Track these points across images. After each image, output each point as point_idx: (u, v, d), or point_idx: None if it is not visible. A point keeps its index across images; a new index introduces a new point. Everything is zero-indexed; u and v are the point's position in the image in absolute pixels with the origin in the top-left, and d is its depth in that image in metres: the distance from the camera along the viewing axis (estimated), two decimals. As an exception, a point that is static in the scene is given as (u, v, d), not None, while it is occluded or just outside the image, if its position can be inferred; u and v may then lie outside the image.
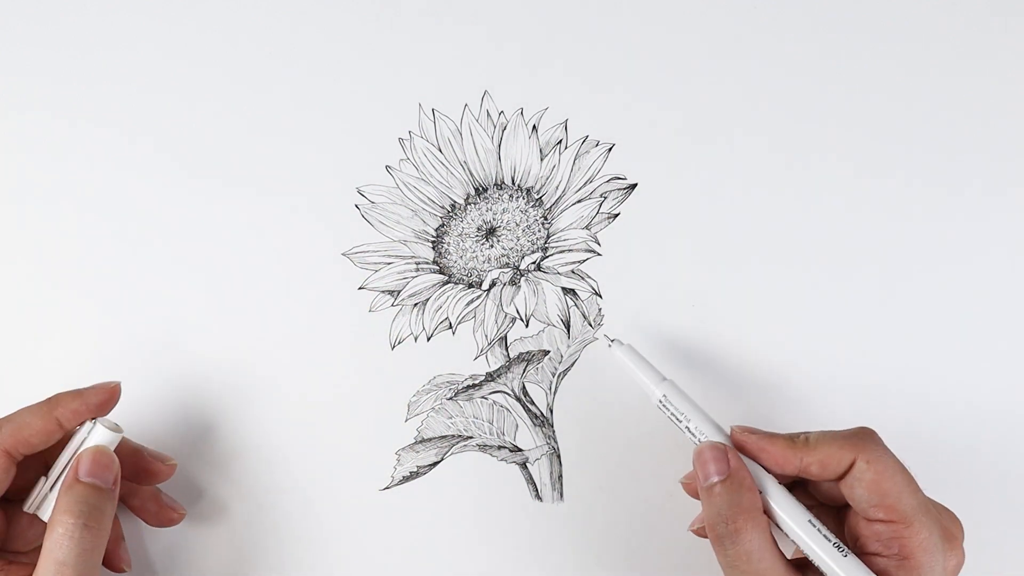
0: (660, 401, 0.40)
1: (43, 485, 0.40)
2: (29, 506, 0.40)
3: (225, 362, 0.45)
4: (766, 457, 0.38)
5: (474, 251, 0.46)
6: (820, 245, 0.46)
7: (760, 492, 0.38)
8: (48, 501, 0.39)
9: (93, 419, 0.40)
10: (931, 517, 0.37)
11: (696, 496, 0.40)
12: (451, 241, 0.46)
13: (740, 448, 0.39)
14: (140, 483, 0.42)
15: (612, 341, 0.43)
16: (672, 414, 0.40)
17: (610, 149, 0.47)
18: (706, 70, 0.47)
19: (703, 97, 0.47)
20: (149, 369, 0.45)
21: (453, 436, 0.45)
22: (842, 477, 0.38)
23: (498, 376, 0.46)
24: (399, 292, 0.46)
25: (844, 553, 0.37)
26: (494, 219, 0.46)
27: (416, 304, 0.46)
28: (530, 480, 0.45)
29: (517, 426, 0.46)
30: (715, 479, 0.38)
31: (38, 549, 0.42)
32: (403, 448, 0.45)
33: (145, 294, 0.46)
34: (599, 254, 0.46)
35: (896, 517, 0.36)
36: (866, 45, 0.47)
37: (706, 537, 0.38)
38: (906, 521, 0.36)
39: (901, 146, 0.47)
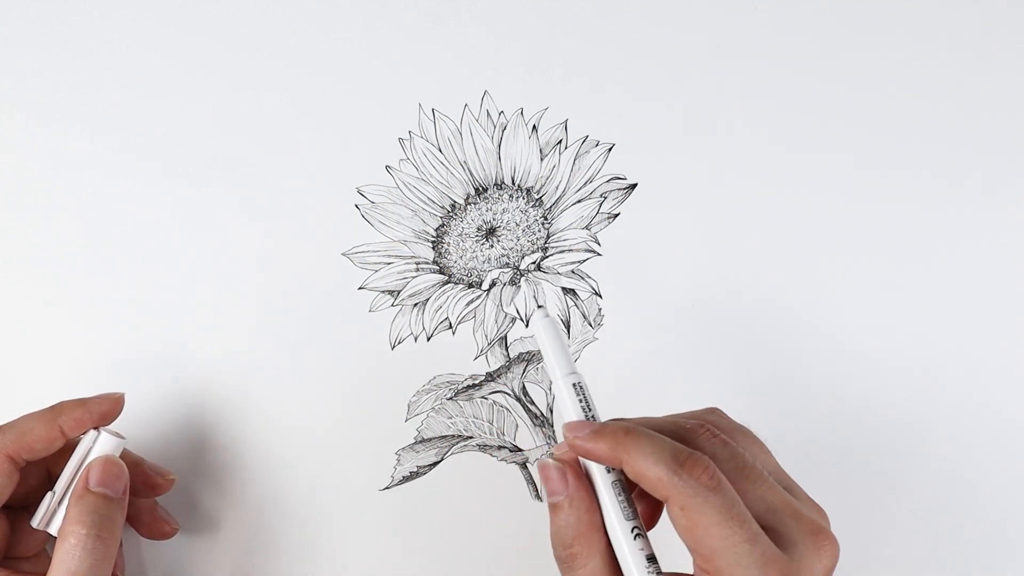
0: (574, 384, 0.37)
1: (51, 500, 0.39)
2: (39, 522, 0.39)
3: (224, 362, 0.45)
4: (595, 459, 0.34)
5: (474, 251, 0.46)
6: (820, 244, 0.46)
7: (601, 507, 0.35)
8: (57, 515, 0.39)
9: (97, 428, 0.40)
10: (745, 559, 0.32)
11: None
12: (451, 241, 0.46)
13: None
14: (138, 495, 0.42)
15: (540, 306, 0.39)
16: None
17: (610, 149, 0.47)
18: (706, 70, 0.47)
19: (703, 97, 0.47)
20: (148, 372, 0.45)
21: (453, 436, 0.46)
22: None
23: (498, 376, 0.46)
24: (399, 292, 0.46)
25: None
26: (494, 219, 0.46)
27: (416, 304, 0.46)
28: (530, 480, 0.45)
29: (517, 426, 0.46)
30: (554, 499, 0.35)
31: (40, 555, 0.42)
32: (403, 448, 0.45)
33: (144, 297, 0.46)
34: (599, 254, 0.46)
35: (708, 567, 0.33)
36: (866, 45, 0.47)
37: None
38: (715, 570, 0.33)
39: (902, 144, 0.47)
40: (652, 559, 0.35)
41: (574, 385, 0.36)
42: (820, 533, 0.34)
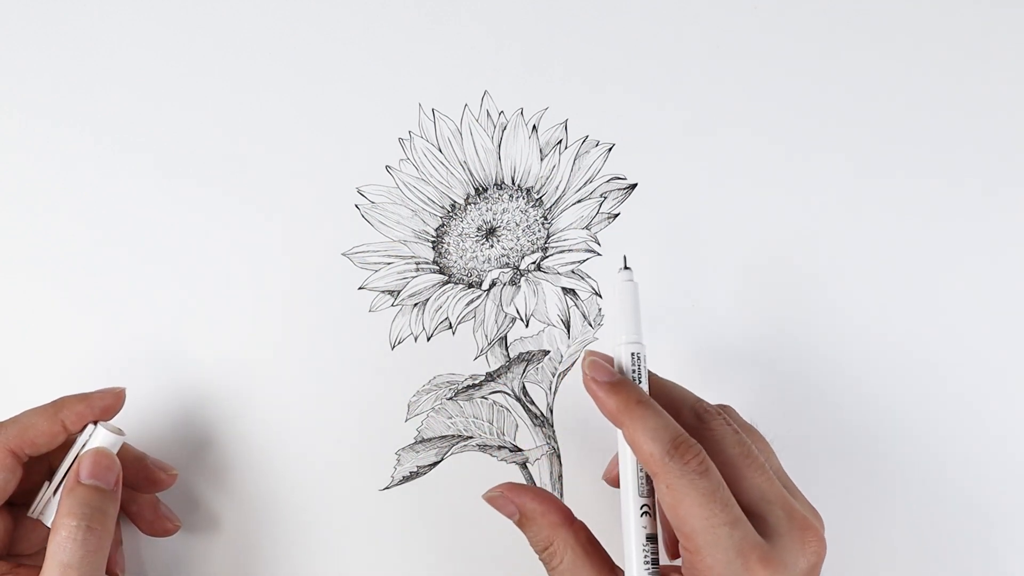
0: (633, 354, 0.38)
1: (46, 490, 0.40)
2: (33, 511, 0.40)
3: (224, 362, 0.45)
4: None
5: (474, 251, 0.46)
6: (820, 244, 0.46)
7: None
8: (51, 506, 0.39)
9: (95, 422, 0.40)
10: (724, 541, 0.33)
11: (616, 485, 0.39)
12: (451, 241, 0.46)
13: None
14: (140, 491, 0.42)
15: (627, 268, 0.39)
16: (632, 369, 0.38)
17: (610, 149, 0.47)
18: (706, 70, 0.47)
19: (703, 97, 0.47)
20: (148, 370, 0.45)
21: (453, 436, 0.46)
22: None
23: (498, 376, 0.46)
24: (399, 292, 0.46)
25: None
26: (494, 219, 0.46)
27: (416, 304, 0.46)
28: (530, 480, 0.45)
29: (517, 426, 0.46)
30: (512, 518, 0.39)
31: (43, 551, 0.42)
32: (403, 448, 0.45)
33: (144, 296, 0.46)
34: (599, 254, 0.46)
35: (689, 545, 0.34)
36: (866, 45, 0.47)
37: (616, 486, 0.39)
38: (694, 548, 0.34)
39: (902, 145, 0.47)
40: (652, 539, 0.36)
41: (633, 354, 0.38)
42: (809, 529, 0.35)
